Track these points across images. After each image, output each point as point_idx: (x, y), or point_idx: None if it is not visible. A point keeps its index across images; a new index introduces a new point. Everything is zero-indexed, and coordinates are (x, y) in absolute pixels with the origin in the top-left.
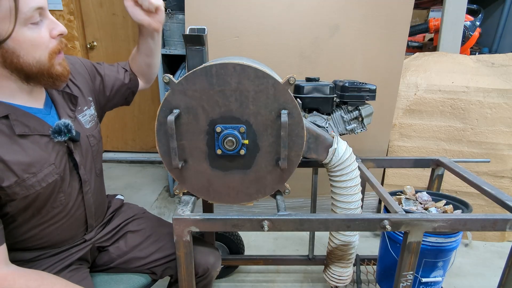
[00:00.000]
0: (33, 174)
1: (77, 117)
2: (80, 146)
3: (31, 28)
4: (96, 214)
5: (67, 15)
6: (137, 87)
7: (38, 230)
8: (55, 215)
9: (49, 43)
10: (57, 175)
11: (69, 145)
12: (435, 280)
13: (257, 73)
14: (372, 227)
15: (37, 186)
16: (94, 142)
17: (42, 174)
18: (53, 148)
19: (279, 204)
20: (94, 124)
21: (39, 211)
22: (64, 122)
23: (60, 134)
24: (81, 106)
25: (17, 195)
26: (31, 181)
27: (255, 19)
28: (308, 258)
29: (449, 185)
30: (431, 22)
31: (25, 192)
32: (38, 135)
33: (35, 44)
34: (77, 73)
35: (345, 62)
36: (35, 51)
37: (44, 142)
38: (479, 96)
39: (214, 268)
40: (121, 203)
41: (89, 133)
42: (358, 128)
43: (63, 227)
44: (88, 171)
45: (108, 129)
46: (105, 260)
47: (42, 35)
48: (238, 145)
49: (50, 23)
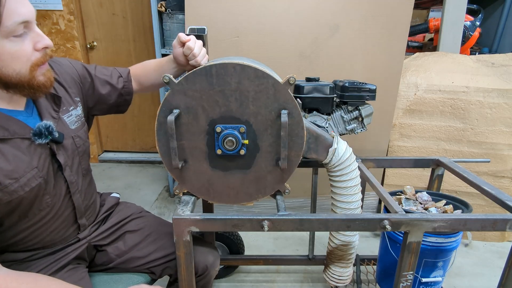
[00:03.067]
0: (15, 180)
1: (61, 117)
2: (64, 147)
3: (12, 40)
4: (86, 213)
5: (67, 15)
6: (131, 95)
7: (28, 233)
8: (43, 217)
9: (31, 55)
10: (40, 179)
11: (52, 147)
12: (435, 280)
13: (257, 73)
14: (372, 227)
15: (20, 191)
16: (80, 143)
17: (25, 178)
18: (35, 151)
19: (279, 204)
20: (80, 124)
21: (25, 215)
22: (45, 124)
23: (40, 137)
24: (66, 106)
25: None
26: (14, 186)
27: (255, 19)
28: (308, 258)
29: (449, 185)
30: (431, 22)
31: (8, 197)
32: (19, 138)
33: (15, 57)
34: (64, 72)
35: (345, 62)
36: (15, 63)
37: (26, 146)
38: (479, 96)
39: (213, 267)
40: (116, 201)
41: (74, 134)
42: (358, 128)
43: (52, 228)
44: (74, 172)
45: (108, 129)
46: (104, 260)
47: (24, 48)
48: (238, 145)
49: (35, 36)
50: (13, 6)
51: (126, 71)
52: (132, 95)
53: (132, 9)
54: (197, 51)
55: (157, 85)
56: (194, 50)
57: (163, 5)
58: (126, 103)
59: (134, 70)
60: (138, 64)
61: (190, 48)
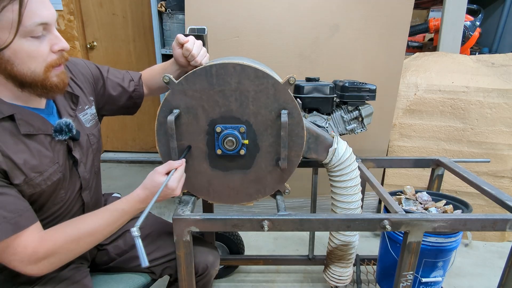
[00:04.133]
0: (39, 173)
1: (78, 116)
2: (80, 145)
3: (30, 40)
4: (92, 210)
5: (67, 15)
6: (142, 99)
7: None
8: (55, 211)
9: (47, 56)
10: (60, 173)
11: (69, 143)
12: (435, 280)
13: (257, 73)
14: (372, 227)
15: (43, 185)
16: (94, 141)
17: (48, 173)
18: (55, 146)
19: (279, 204)
20: (95, 123)
21: (41, 208)
22: (65, 121)
23: (61, 133)
24: (82, 105)
25: (23, 193)
26: (38, 180)
27: (255, 19)
28: (308, 258)
29: (449, 185)
30: (431, 22)
31: (32, 190)
32: (43, 134)
33: (32, 56)
34: (79, 73)
35: (345, 62)
36: (31, 62)
37: (48, 141)
38: (479, 96)
39: (213, 267)
40: None
41: (89, 132)
42: (358, 128)
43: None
44: (88, 169)
45: (108, 129)
46: (104, 260)
47: (41, 49)
48: (238, 145)
49: (53, 38)
50: (34, 7)
51: (138, 76)
52: (143, 98)
53: (132, 9)
54: (196, 52)
55: (163, 88)
56: (192, 51)
57: (163, 5)
58: (136, 105)
59: (144, 74)
60: (148, 68)
61: (188, 49)
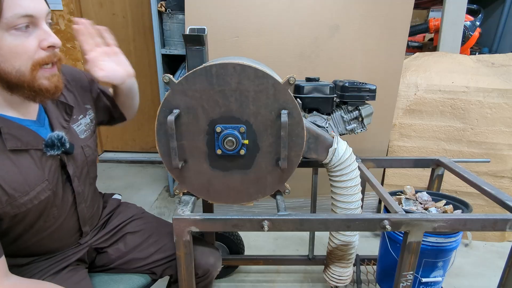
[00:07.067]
0: (25, 193)
1: (71, 127)
2: (74, 158)
3: (14, 34)
4: (90, 220)
5: (67, 15)
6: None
7: (31, 242)
8: (48, 227)
9: (34, 53)
10: (49, 191)
11: (62, 158)
12: (435, 280)
13: (257, 73)
14: (372, 227)
15: (29, 204)
16: (89, 153)
17: (35, 192)
18: (46, 162)
19: (279, 204)
20: (90, 133)
21: (31, 226)
22: (57, 135)
23: (53, 148)
24: (75, 115)
25: (6, 215)
26: (23, 199)
27: (255, 19)
28: (308, 258)
29: (449, 185)
30: (431, 22)
31: (16, 210)
32: (32, 149)
33: (15, 52)
34: (74, 78)
35: (345, 62)
36: (15, 59)
37: (38, 157)
38: (479, 96)
39: (215, 268)
40: (118, 203)
41: (83, 144)
42: (358, 128)
43: (56, 237)
44: (82, 182)
45: (108, 129)
46: (104, 262)
47: (26, 44)
48: (238, 145)
49: (42, 34)
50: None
51: None
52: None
53: (132, 9)
54: (55, 40)
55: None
56: (51, 39)
57: (163, 5)
58: (113, 119)
59: None
60: None
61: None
